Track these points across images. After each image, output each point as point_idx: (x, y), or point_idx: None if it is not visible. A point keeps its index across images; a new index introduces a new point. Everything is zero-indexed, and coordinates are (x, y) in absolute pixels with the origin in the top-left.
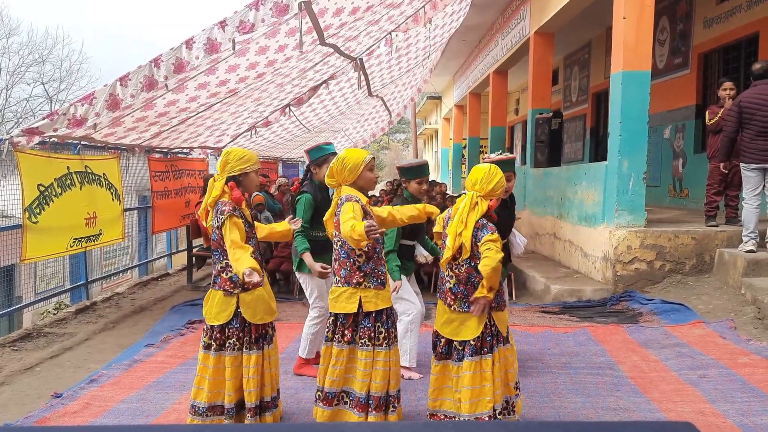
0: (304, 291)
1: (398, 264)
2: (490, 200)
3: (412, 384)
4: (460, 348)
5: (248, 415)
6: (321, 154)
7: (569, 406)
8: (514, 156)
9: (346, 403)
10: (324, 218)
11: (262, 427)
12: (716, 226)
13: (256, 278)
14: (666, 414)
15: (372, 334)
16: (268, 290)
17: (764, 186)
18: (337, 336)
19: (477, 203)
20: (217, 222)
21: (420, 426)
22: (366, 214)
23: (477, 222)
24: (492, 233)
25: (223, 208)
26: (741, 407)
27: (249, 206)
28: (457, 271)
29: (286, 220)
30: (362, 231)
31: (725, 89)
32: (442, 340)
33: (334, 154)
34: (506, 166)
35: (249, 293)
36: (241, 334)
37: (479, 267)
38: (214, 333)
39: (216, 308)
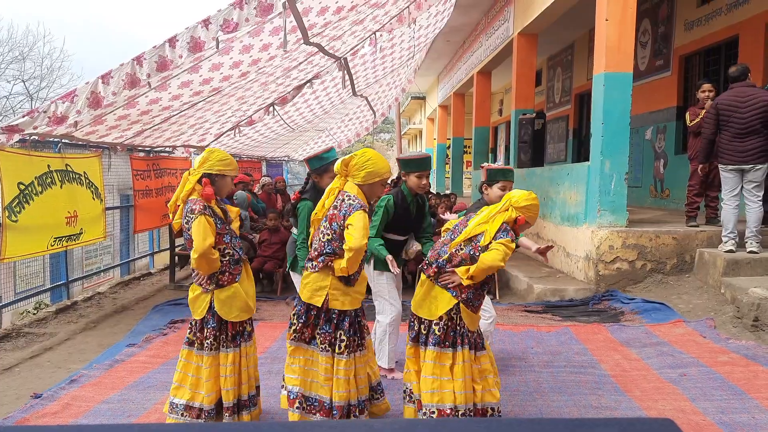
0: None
1: (381, 243)
2: (519, 216)
3: (396, 383)
4: (424, 333)
5: (226, 414)
6: (321, 164)
7: (552, 404)
8: (512, 168)
9: (304, 409)
10: (320, 206)
11: (247, 426)
12: (697, 226)
13: (200, 280)
14: (647, 412)
15: (332, 340)
16: (246, 287)
17: (742, 187)
18: (296, 333)
19: (508, 209)
20: (188, 221)
21: (401, 423)
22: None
23: (503, 224)
24: (513, 241)
25: (194, 207)
26: (720, 405)
27: (220, 204)
28: (455, 252)
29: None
30: (352, 269)
31: (704, 91)
32: (415, 321)
33: (335, 160)
34: (502, 175)
35: (224, 290)
36: (218, 333)
37: (484, 255)
38: (195, 330)
39: (195, 302)
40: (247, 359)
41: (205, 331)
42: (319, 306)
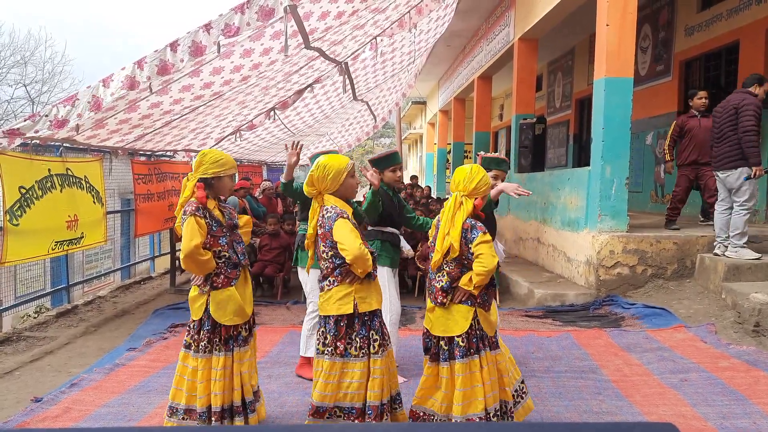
0: (302, 286)
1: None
2: (475, 199)
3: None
4: (446, 348)
5: (213, 418)
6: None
7: (552, 409)
8: (506, 158)
9: (339, 417)
10: (309, 225)
11: (247, 429)
12: (678, 229)
13: (198, 281)
14: (648, 417)
15: (368, 342)
16: (243, 292)
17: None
18: (328, 348)
19: (462, 203)
20: (183, 222)
21: (404, 427)
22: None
23: (465, 222)
24: (484, 234)
25: (186, 209)
26: (721, 410)
27: (221, 207)
28: (447, 269)
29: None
30: (369, 266)
31: (700, 98)
32: (434, 340)
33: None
34: (496, 164)
35: (220, 292)
36: (211, 336)
37: (475, 266)
38: (194, 332)
39: (193, 302)
40: (241, 364)
41: (201, 333)
42: (351, 313)
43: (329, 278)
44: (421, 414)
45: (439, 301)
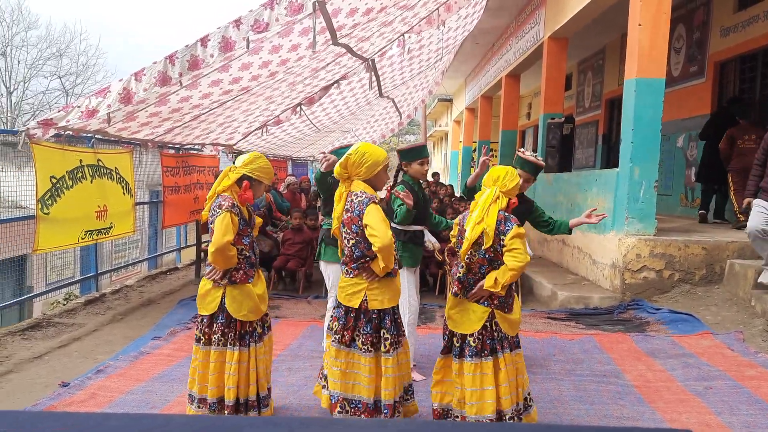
0: (325, 280)
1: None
2: (510, 199)
3: (414, 385)
4: (457, 345)
5: (226, 412)
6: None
7: (572, 413)
8: (543, 164)
9: (347, 412)
10: (335, 213)
11: (266, 420)
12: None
13: (215, 275)
14: (670, 424)
15: (374, 340)
16: (258, 290)
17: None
18: (336, 335)
19: (498, 197)
20: (213, 215)
21: (418, 424)
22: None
23: (499, 213)
24: (518, 226)
25: (222, 203)
26: (746, 420)
27: (248, 207)
28: (469, 260)
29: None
30: (392, 263)
31: None
32: (447, 333)
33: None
34: (532, 169)
35: (236, 287)
36: (226, 330)
37: (508, 260)
38: (203, 326)
39: (205, 297)
40: (257, 360)
41: (214, 326)
42: (357, 308)
43: (347, 267)
44: (441, 411)
45: (454, 291)
